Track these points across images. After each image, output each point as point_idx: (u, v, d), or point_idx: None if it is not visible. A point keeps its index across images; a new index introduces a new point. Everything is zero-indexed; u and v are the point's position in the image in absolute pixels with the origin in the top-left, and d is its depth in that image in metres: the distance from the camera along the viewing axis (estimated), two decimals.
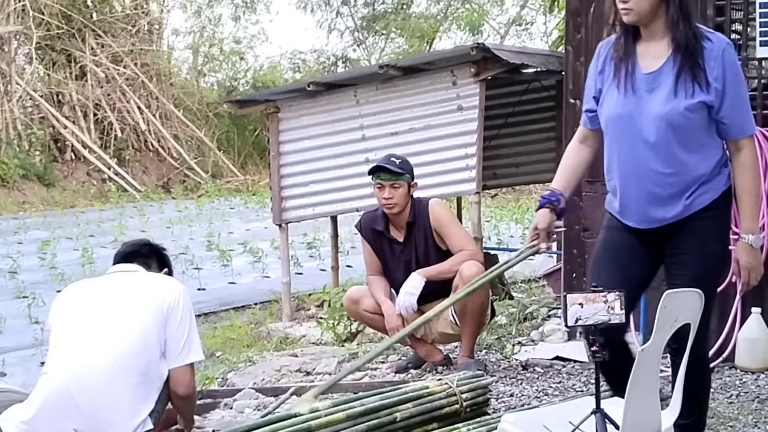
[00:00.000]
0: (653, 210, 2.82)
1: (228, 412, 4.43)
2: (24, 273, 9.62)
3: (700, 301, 2.54)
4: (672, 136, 2.75)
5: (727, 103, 2.74)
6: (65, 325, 3.17)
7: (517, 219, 14.49)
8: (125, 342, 3.08)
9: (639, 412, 2.47)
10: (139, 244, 3.52)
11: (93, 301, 3.23)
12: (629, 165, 2.83)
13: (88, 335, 3.11)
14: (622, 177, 2.86)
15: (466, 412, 3.61)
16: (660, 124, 2.74)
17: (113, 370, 3.03)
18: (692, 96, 2.73)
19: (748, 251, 2.82)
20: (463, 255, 4.62)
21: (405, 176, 4.69)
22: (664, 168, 2.77)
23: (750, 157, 2.81)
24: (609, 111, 2.86)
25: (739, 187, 2.82)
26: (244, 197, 18.04)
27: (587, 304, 2.46)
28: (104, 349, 3.06)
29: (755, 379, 4.26)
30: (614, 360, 2.68)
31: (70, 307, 3.23)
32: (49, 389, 3.02)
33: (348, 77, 7.57)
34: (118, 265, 3.38)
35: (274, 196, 7.53)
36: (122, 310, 3.17)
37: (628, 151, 2.82)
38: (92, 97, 19.78)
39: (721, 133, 2.80)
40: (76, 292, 3.32)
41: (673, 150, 2.76)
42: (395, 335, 4.20)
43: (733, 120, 2.77)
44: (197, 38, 24.09)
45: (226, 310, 8.53)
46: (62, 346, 3.11)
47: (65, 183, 18.55)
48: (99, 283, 3.35)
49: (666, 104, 2.75)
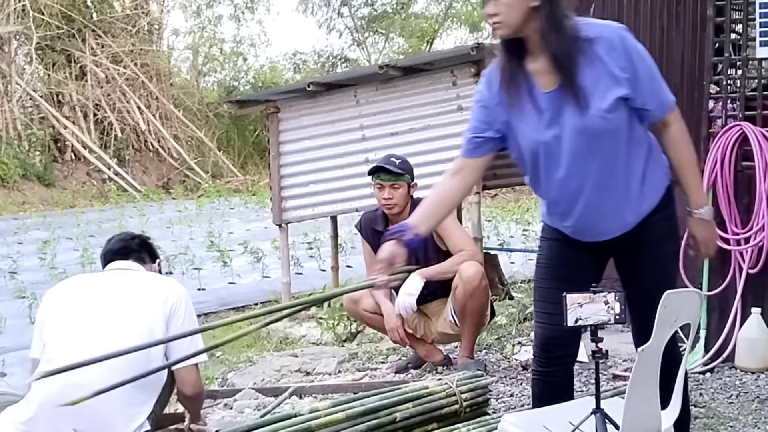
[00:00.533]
0: (605, 225, 2.70)
1: (228, 412, 4.44)
2: (24, 273, 9.61)
3: (700, 301, 2.54)
4: (599, 144, 2.60)
5: (642, 89, 2.59)
6: (63, 322, 3.12)
7: (517, 219, 14.49)
8: (126, 342, 3.01)
9: (639, 412, 2.47)
10: (128, 239, 3.44)
11: (92, 298, 3.18)
12: (570, 189, 2.67)
13: (87, 334, 3.07)
14: (567, 202, 2.71)
15: (465, 412, 3.61)
16: (583, 137, 2.58)
17: (113, 371, 2.99)
18: (604, 97, 2.56)
19: (703, 225, 2.74)
20: (463, 255, 4.62)
21: (405, 176, 4.69)
22: (604, 180, 2.63)
23: (680, 130, 2.68)
24: (527, 142, 2.67)
25: (677, 162, 2.70)
26: (244, 197, 18.04)
27: (587, 304, 2.46)
28: (104, 349, 3.01)
29: (755, 379, 4.26)
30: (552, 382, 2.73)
31: (68, 304, 3.17)
32: (47, 390, 3.00)
33: (348, 77, 7.56)
34: (115, 262, 3.34)
35: (274, 196, 7.53)
36: (123, 310, 3.14)
37: (564, 176, 2.65)
38: (92, 98, 19.79)
39: (645, 119, 2.65)
40: (74, 288, 3.26)
41: (606, 159, 2.62)
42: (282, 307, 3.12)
43: (653, 102, 2.63)
44: (197, 38, 24.10)
45: (226, 310, 8.52)
46: (61, 345, 3.07)
47: (65, 183, 18.55)
48: (97, 280, 3.30)
49: (582, 115, 2.57)
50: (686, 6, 4.71)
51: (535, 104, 2.62)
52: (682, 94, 4.69)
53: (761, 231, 4.34)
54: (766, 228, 4.32)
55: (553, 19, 2.53)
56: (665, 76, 4.38)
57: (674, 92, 4.97)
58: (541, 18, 2.53)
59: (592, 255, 2.80)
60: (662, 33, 4.78)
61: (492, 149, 2.76)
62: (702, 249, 2.78)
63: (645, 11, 4.83)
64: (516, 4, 2.53)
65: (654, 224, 2.71)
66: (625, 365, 4.53)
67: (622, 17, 4.87)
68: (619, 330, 4.55)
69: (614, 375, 4.39)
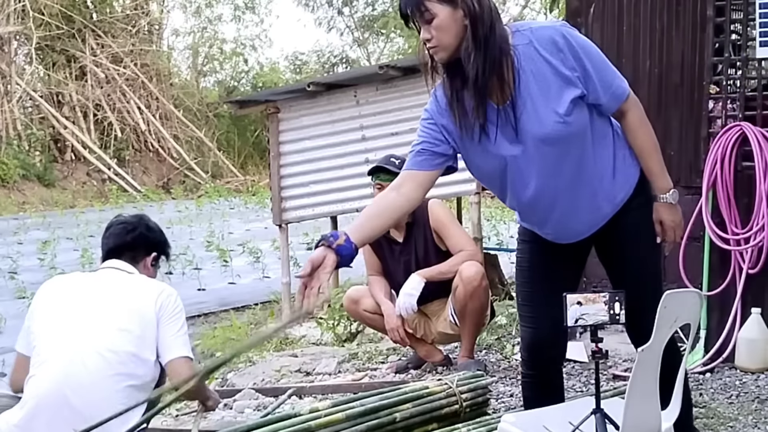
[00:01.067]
0: (582, 226, 2.67)
1: (228, 412, 4.44)
2: (24, 273, 9.63)
3: (700, 301, 2.54)
4: (566, 149, 2.53)
5: (593, 84, 2.49)
6: (54, 322, 3.08)
7: (516, 219, 14.48)
8: (119, 342, 3.03)
9: (639, 412, 2.47)
10: (123, 233, 3.33)
11: (84, 298, 3.14)
12: (543, 202, 2.61)
13: (79, 334, 3.04)
14: (541, 213, 2.66)
15: (465, 412, 3.61)
16: (547, 146, 2.50)
17: (107, 370, 2.98)
18: (559, 100, 2.48)
19: (669, 209, 2.68)
20: (463, 255, 4.62)
21: None
22: (577, 184, 2.58)
23: (637, 116, 2.61)
24: (487, 161, 2.58)
25: (638, 147, 2.63)
26: (244, 197, 18.06)
27: (587, 304, 2.46)
28: (98, 349, 3.01)
29: (755, 379, 4.26)
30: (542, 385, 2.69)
31: (59, 304, 3.13)
32: (42, 390, 2.97)
33: (348, 77, 7.57)
34: (110, 261, 3.30)
35: (274, 196, 7.53)
36: (115, 311, 3.11)
37: (534, 191, 2.59)
38: (92, 98, 19.82)
39: (603, 111, 2.58)
40: (66, 286, 3.22)
41: (575, 163, 2.55)
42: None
43: (606, 95, 2.53)
44: (197, 38, 24.11)
45: (226, 310, 8.53)
46: (53, 345, 3.03)
47: (65, 183, 18.57)
48: (90, 279, 3.25)
49: (541, 124, 2.49)
50: (686, 6, 4.71)
51: (490, 121, 2.52)
52: (682, 94, 4.69)
53: (761, 231, 4.34)
54: (766, 228, 4.32)
55: (475, 37, 2.41)
56: (665, 75, 4.34)
57: (674, 92, 4.97)
58: (466, 41, 2.42)
59: (572, 252, 2.76)
60: (662, 33, 4.78)
61: (441, 164, 2.61)
62: (669, 234, 2.70)
63: (645, 11, 4.83)
64: (447, 27, 2.43)
65: (631, 211, 2.66)
66: (625, 365, 4.53)
67: (622, 17, 4.87)
68: (619, 330, 4.54)
69: (614, 375, 4.39)
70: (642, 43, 4.82)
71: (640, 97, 2.71)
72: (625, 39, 4.86)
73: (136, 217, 3.46)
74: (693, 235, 4.60)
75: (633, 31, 4.85)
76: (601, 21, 4.94)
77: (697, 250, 4.60)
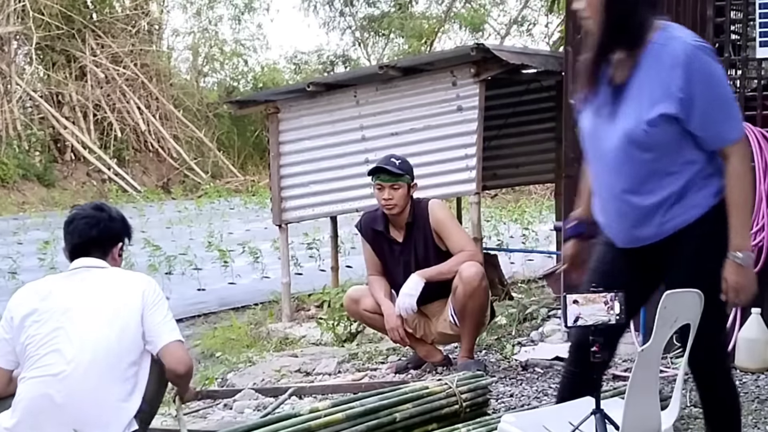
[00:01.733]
0: (630, 230, 2.68)
1: (228, 412, 4.44)
2: (24, 273, 9.62)
3: (700, 302, 2.54)
4: (636, 153, 2.56)
5: (696, 114, 2.50)
6: (40, 325, 3.04)
7: (516, 219, 14.49)
8: (104, 340, 3.01)
9: (639, 413, 2.47)
10: (87, 229, 3.23)
11: (66, 299, 3.10)
12: (603, 185, 2.71)
13: (65, 335, 3.01)
14: (599, 197, 2.74)
15: (465, 412, 3.61)
16: (621, 142, 2.57)
17: (94, 370, 2.97)
18: (651, 108, 2.51)
19: (736, 270, 2.56)
20: (463, 256, 4.62)
21: (404, 177, 4.69)
22: (632, 188, 2.61)
23: (735, 167, 2.55)
24: (588, 127, 2.72)
25: (727, 199, 2.58)
26: (244, 198, 18.06)
27: (587, 304, 2.46)
28: (83, 349, 2.99)
29: (755, 379, 4.26)
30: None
31: (42, 307, 3.08)
32: (30, 394, 2.96)
33: (348, 78, 7.56)
34: (81, 260, 3.21)
35: (274, 196, 7.53)
36: (98, 308, 3.08)
37: (599, 171, 2.71)
38: (92, 98, 19.82)
39: (700, 144, 2.56)
40: (47, 291, 3.15)
41: (639, 169, 2.58)
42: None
43: (709, 131, 2.53)
44: (197, 39, 24.12)
45: (226, 310, 8.53)
46: (39, 348, 3.00)
47: (65, 183, 18.58)
48: (66, 281, 3.19)
49: (627, 118, 2.56)
50: (686, 6, 4.71)
51: (599, 94, 2.64)
52: None
53: (761, 231, 4.34)
54: (766, 228, 4.32)
55: (610, 11, 2.56)
56: None
57: None
58: (602, 10, 2.57)
59: (634, 263, 2.74)
60: None
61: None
62: (731, 294, 2.58)
63: None
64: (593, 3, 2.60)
65: (692, 238, 2.61)
66: (625, 365, 4.53)
67: None
68: None
69: (614, 375, 4.39)
70: None
71: None
72: None
73: (96, 207, 3.33)
74: None
75: None
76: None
77: None
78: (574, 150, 5.05)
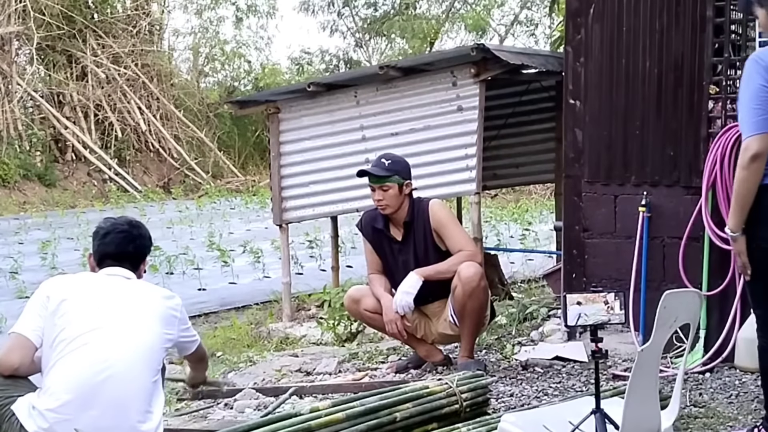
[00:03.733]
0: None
1: (228, 412, 4.44)
2: (25, 273, 9.62)
3: (700, 301, 2.54)
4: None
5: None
6: (79, 313, 3.16)
7: (516, 219, 14.48)
8: (144, 340, 3.20)
9: (639, 412, 2.48)
10: (125, 243, 3.42)
11: (105, 296, 3.26)
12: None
13: (110, 328, 3.15)
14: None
15: (465, 412, 3.62)
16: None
17: (139, 364, 3.14)
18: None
19: (732, 241, 3.18)
20: (462, 255, 4.62)
21: (392, 177, 4.68)
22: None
23: (739, 161, 3.09)
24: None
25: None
26: (245, 197, 18.05)
27: (587, 304, 2.47)
28: (129, 344, 3.15)
29: (755, 379, 4.26)
30: None
31: (83, 297, 3.22)
32: (77, 376, 3.05)
33: (348, 78, 7.56)
34: (111, 268, 3.37)
35: (275, 196, 7.53)
36: (134, 311, 3.25)
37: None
38: (93, 98, 19.81)
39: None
40: (84, 283, 3.34)
41: None
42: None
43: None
44: (198, 39, 24.11)
45: (227, 310, 8.52)
46: (84, 336, 3.11)
47: (66, 183, 18.57)
48: (103, 282, 3.34)
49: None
50: (686, 6, 4.71)
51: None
52: (682, 94, 4.70)
53: None
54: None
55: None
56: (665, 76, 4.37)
57: (674, 92, 4.98)
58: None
59: None
60: (662, 33, 4.79)
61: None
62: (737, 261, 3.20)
63: (645, 11, 4.83)
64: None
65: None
66: (625, 365, 4.54)
67: (622, 17, 4.87)
68: (618, 330, 4.55)
69: (614, 375, 4.39)
70: (642, 44, 4.82)
71: (641, 97, 2.73)
72: (624, 39, 4.86)
73: (134, 225, 3.53)
74: (693, 235, 4.61)
75: (633, 31, 4.85)
76: (601, 21, 4.94)
77: (696, 250, 4.61)
78: (574, 150, 5.06)
